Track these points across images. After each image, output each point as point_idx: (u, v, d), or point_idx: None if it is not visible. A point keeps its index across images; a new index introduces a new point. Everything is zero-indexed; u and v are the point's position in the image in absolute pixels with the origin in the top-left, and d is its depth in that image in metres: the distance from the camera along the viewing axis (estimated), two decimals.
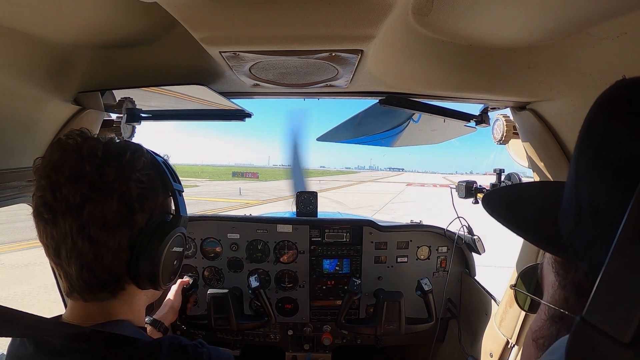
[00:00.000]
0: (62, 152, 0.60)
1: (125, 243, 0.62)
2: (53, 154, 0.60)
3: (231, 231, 1.85)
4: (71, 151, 0.59)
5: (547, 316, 0.45)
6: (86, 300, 0.63)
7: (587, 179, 0.37)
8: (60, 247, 0.59)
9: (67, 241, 0.58)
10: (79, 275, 0.60)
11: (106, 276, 0.62)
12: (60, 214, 0.57)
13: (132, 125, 1.31)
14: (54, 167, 0.58)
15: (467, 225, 1.84)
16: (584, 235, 0.37)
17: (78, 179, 0.57)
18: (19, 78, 0.86)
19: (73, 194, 0.57)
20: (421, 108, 1.30)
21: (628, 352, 0.25)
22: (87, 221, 0.58)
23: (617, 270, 0.27)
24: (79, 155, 0.59)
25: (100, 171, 0.59)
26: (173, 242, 0.69)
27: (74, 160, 0.58)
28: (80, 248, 0.58)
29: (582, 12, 0.70)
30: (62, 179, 0.57)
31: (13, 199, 1.05)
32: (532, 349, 0.46)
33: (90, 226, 0.58)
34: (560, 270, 0.43)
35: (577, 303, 0.36)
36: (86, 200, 0.57)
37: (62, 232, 0.58)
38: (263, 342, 1.92)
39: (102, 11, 0.76)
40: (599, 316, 0.27)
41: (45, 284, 4.92)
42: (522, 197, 0.58)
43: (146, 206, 0.65)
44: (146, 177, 0.65)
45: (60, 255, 0.59)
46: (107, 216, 0.59)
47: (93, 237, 0.58)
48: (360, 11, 0.65)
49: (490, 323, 1.47)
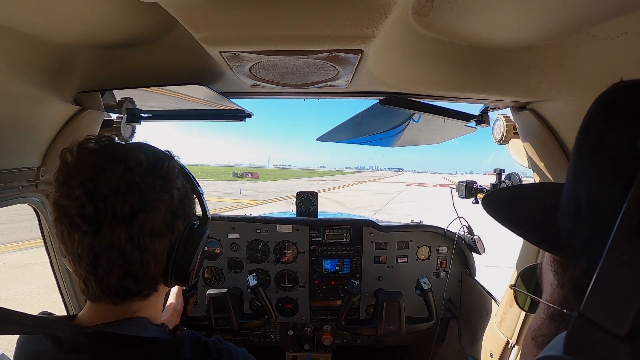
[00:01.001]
0: (99, 161, 0.58)
1: (167, 248, 0.65)
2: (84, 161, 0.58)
3: (231, 231, 1.85)
4: (113, 161, 0.58)
5: (546, 315, 0.45)
6: (116, 304, 0.64)
7: (585, 178, 0.38)
8: (100, 257, 0.57)
9: (113, 251, 0.57)
10: (119, 283, 0.60)
11: (147, 282, 0.64)
12: (105, 225, 0.56)
13: (132, 125, 1.31)
14: (93, 177, 0.56)
15: (467, 226, 1.84)
16: (582, 234, 0.37)
17: (126, 190, 0.57)
18: (19, 78, 0.86)
19: (121, 205, 0.56)
20: (421, 108, 1.30)
21: (625, 346, 0.26)
22: (137, 231, 0.58)
23: (614, 266, 0.27)
24: (125, 166, 0.58)
25: (147, 182, 0.59)
26: (204, 243, 0.74)
27: (120, 171, 0.57)
28: (129, 256, 0.59)
29: (582, 12, 0.70)
30: (106, 190, 0.56)
31: (13, 199, 1.05)
32: (531, 347, 0.46)
33: (139, 235, 0.58)
34: (559, 269, 0.43)
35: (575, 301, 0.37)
36: (137, 211, 0.57)
37: (106, 242, 0.57)
38: (263, 342, 1.92)
39: (102, 11, 0.76)
40: (596, 311, 0.28)
41: (45, 284, 4.92)
42: (522, 198, 0.59)
43: (184, 212, 0.68)
44: (182, 184, 0.68)
45: (99, 264, 0.58)
46: (155, 225, 0.60)
47: (142, 246, 0.59)
48: (360, 11, 0.65)
49: (491, 323, 1.47)
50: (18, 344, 0.64)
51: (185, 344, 0.62)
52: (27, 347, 0.62)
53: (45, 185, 1.13)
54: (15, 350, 0.65)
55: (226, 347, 0.66)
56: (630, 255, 0.26)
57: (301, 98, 1.30)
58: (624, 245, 0.27)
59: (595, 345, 0.27)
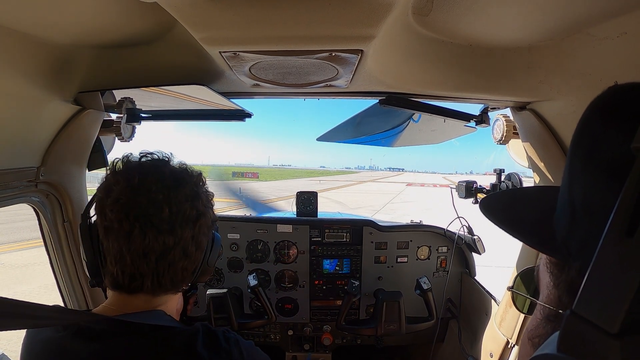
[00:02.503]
0: (176, 174, 0.71)
1: (205, 248, 0.77)
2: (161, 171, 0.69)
3: (231, 231, 1.85)
4: (187, 174, 0.73)
5: (542, 316, 0.45)
6: (157, 295, 0.71)
7: (580, 180, 0.38)
8: (165, 254, 0.67)
9: (178, 247, 0.68)
10: (171, 276, 0.69)
11: (190, 275, 0.74)
12: (178, 225, 0.67)
13: (132, 125, 1.32)
14: (171, 186, 0.68)
15: (467, 225, 1.84)
16: (578, 235, 0.38)
17: (196, 198, 0.71)
18: (19, 78, 0.86)
19: (190, 209, 0.69)
20: (421, 108, 1.30)
21: (616, 342, 0.26)
22: (199, 230, 0.72)
23: (605, 265, 0.28)
24: (193, 181, 0.74)
25: (205, 192, 0.76)
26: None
27: (192, 183, 0.72)
28: (189, 252, 0.70)
29: (582, 12, 0.70)
30: (182, 197, 0.68)
31: (13, 199, 1.05)
32: (528, 348, 0.47)
33: (199, 234, 0.72)
34: (555, 271, 0.44)
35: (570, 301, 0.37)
36: (200, 215, 0.71)
37: (175, 239, 0.67)
38: (263, 342, 1.92)
39: (102, 11, 0.76)
40: (589, 309, 0.28)
41: (45, 284, 4.92)
42: (519, 201, 0.60)
43: (214, 218, 0.81)
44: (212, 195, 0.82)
45: (161, 259, 0.67)
46: (206, 227, 0.75)
47: (200, 243, 0.73)
48: (360, 11, 0.65)
49: (491, 323, 1.47)
50: (27, 334, 0.67)
51: (199, 333, 0.67)
52: (38, 336, 0.65)
53: (45, 185, 1.13)
54: (24, 342, 0.67)
55: (234, 337, 0.72)
56: (622, 255, 0.27)
57: (301, 98, 1.31)
58: (615, 244, 0.27)
59: (588, 343, 0.28)
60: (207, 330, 0.69)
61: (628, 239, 0.27)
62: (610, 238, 0.28)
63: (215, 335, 0.69)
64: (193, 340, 0.65)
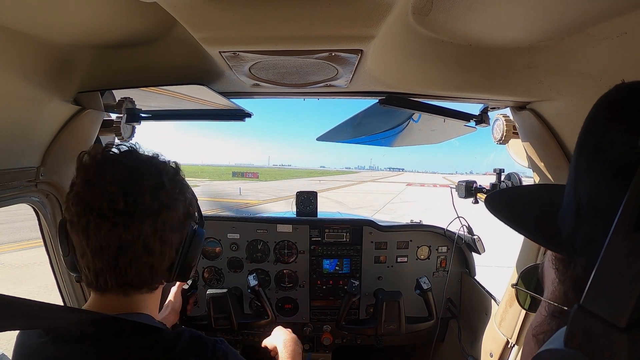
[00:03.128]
0: (135, 162, 0.67)
1: (177, 244, 0.72)
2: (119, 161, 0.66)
3: (231, 231, 1.85)
4: (148, 164, 0.68)
5: (547, 312, 0.45)
6: (127, 295, 0.68)
7: (586, 178, 0.38)
8: (125, 248, 0.63)
9: (138, 242, 0.64)
10: (137, 273, 0.66)
11: (160, 273, 0.70)
12: (137, 219, 0.63)
13: (132, 125, 1.31)
14: (128, 177, 0.64)
15: (467, 225, 1.84)
16: (583, 232, 0.38)
17: (157, 189, 0.66)
18: (19, 78, 0.86)
19: (152, 202, 0.64)
20: (421, 108, 1.30)
21: (624, 336, 0.26)
22: (162, 225, 0.66)
23: (613, 260, 0.28)
24: (156, 168, 0.68)
25: (172, 184, 0.69)
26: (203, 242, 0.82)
27: (154, 173, 0.67)
28: (151, 247, 0.65)
29: (582, 12, 0.70)
30: (139, 189, 0.64)
31: (13, 199, 1.04)
32: (533, 344, 0.47)
33: (162, 230, 0.66)
34: (560, 267, 0.44)
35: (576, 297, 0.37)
36: (163, 208, 0.66)
37: (134, 234, 0.63)
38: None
39: (102, 11, 0.76)
40: (596, 303, 0.28)
41: (45, 284, 4.92)
42: (524, 197, 0.60)
43: (192, 212, 0.76)
44: (190, 190, 0.77)
45: (122, 255, 0.63)
46: (174, 221, 0.69)
47: (163, 238, 0.67)
48: (360, 11, 0.65)
49: (490, 323, 1.47)
50: (17, 339, 0.66)
51: (182, 338, 0.65)
52: (24, 342, 0.64)
53: (45, 185, 1.13)
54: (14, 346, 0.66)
55: (223, 349, 0.68)
56: (629, 249, 0.27)
57: (301, 98, 1.30)
58: (623, 239, 0.27)
59: (595, 337, 0.28)
60: (193, 337, 0.66)
61: (635, 234, 0.27)
62: (617, 233, 0.28)
63: (203, 343, 0.66)
64: (173, 344, 0.63)
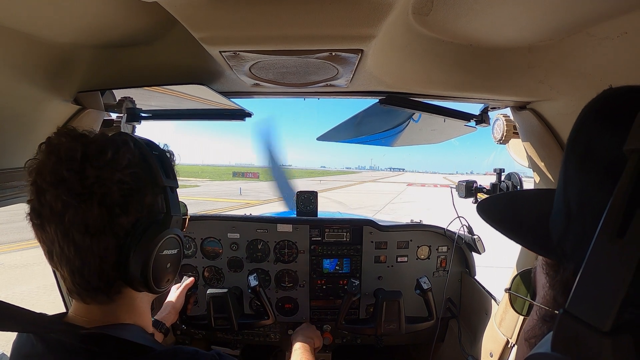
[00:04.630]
0: (45, 155, 0.57)
1: (113, 247, 0.59)
2: (40, 155, 0.58)
3: (231, 231, 1.85)
4: (50, 153, 0.57)
5: (539, 316, 0.46)
6: (86, 302, 0.63)
7: (575, 183, 0.39)
8: (52, 251, 0.58)
9: (55, 246, 0.57)
10: (72, 278, 0.59)
11: (96, 280, 0.60)
12: (46, 220, 0.56)
13: (133, 124, 1.32)
14: (39, 171, 0.56)
15: (467, 225, 1.84)
16: (572, 236, 0.39)
17: (58, 183, 0.55)
18: (19, 78, 0.86)
19: (55, 200, 0.54)
20: (421, 108, 1.30)
21: (608, 340, 0.27)
22: (69, 227, 0.55)
23: (597, 265, 0.29)
24: (57, 158, 0.56)
25: (79, 175, 0.55)
26: (163, 245, 0.64)
27: (53, 163, 0.56)
28: (67, 253, 0.56)
29: (582, 12, 0.70)
30: (45, 184, 0.55)
31: (13, 199, 1.04)
32: (525, 348, 0.47)
33: (73, 232, 0.55)
34: (550, 272, 0.44)
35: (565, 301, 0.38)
36: (67, 206, 0.54)
37: (50, 237, 0.56)
38: (263, 342, 1.92)
39: (102, 11, 0.76)
40: (581, 308, 0.29)
41: (44, 284, 4.92)
42: (516, 204, 0.61)
43: (131, 208, 0.60)
44: (131, 177, 0.60)
45: (53, 258, 0.58)
46: (88, 222, 0.56)
47: (77, 243, 0.56)
48: (360, 11, 0.65)
49: (490, 323, 1.47)
50: (13, 346, 0.64)
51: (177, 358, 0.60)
52: (20, 351, 0.62)
53: None
54: (10, 354, 0.64)
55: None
56: (612, 255, 0.27)
57: (301, 98, 1.30)
58: (607, 245, 0.28)
59: (581, 341, 0.29)
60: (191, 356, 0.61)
61: (619, 239, 0.27)
62: (601, 239, 0.28)
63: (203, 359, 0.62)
64: None
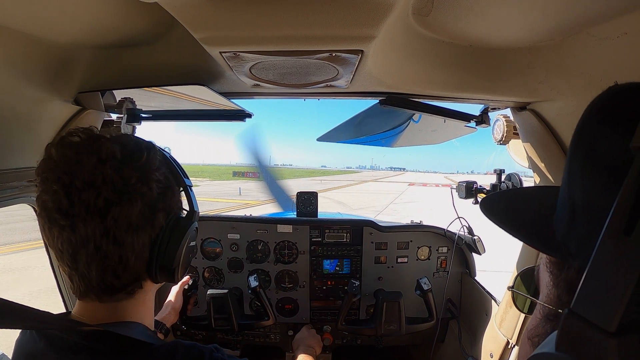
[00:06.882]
0: (75, 154, 0.57)
1: (147, 242, 0.63)
2: (62, 155, 0.57)
3: (231, 231, 1.85)
4: (87, 153, 0.57)
5: (542, 315, 0.46)
6: (103, 301, 0.63)
7: (580, 181, 0.39)
8: (78, 252, 0.57)
9: (89, 246, 0.57)
10: (100, 278, 0.60)
11: (128, 277, 0.62)
12: (80, 219, 0.56)
13: (133, 125, 1.32)
14: (68, 171, 0.56)
15: (467, 226, 1.84)
16: (577, 235, 0.38)
17: (100, 183, 0.56)
18: (19, 78, 0.86)
19: (94, 199, 0.55)
20: (421, 108, 1.30)
21: (613, 341, 0.26)
22: (112, 225, 0.57)
23: (603, 264, 0.28)
24: (97, 158, 0.57)
25: (121, 174, 0.58)
26: (191, 237, 0.71)
27: (93, 163, 0.56)
28: (105, 251, 0.58)
29: (582, 13, 0.70)
30: (80, 184, 0.55)
31: (13, 199, 1.05)
32: (528, 347, 0.47)
33: (115, 230, 0.57)
34: (555, 270, 0.44)
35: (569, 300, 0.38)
36: (110, 205, 0.56)
37: (82, 236, 0.56)
38: (263, 342, 1.92)
39: (102, 11, 0.76)
40: (586, 308, 0.29)
41: (30, 290, 4.89)
42: (519, 201, 0.60)
43: (166, 205, 0.66)
44: (163, 176, 0.66)
45: (78, 259, 0.58)
46: (131, 219, 0.59)
47: (119, 240, 0.58)
48: (360, 11, 0.65)
49: (491, 323, 1.47)
50: (16, 344, 0.64)
51: (177, 352, 0.61)
52: (23, 348, 0.62)
53: None
54: (13, 352, 0.65)
55: (220, 356, 0.65)
56: (619, 253, 0.27)
57: (301, 98, 1.30)
58: (613, 243, 0.27)
59: (585, 341, 0.28)
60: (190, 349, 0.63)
61: (626, 237, 0.27)
62: (608, 237, 0.28)
63: (200, 353, 0.63)
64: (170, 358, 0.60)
